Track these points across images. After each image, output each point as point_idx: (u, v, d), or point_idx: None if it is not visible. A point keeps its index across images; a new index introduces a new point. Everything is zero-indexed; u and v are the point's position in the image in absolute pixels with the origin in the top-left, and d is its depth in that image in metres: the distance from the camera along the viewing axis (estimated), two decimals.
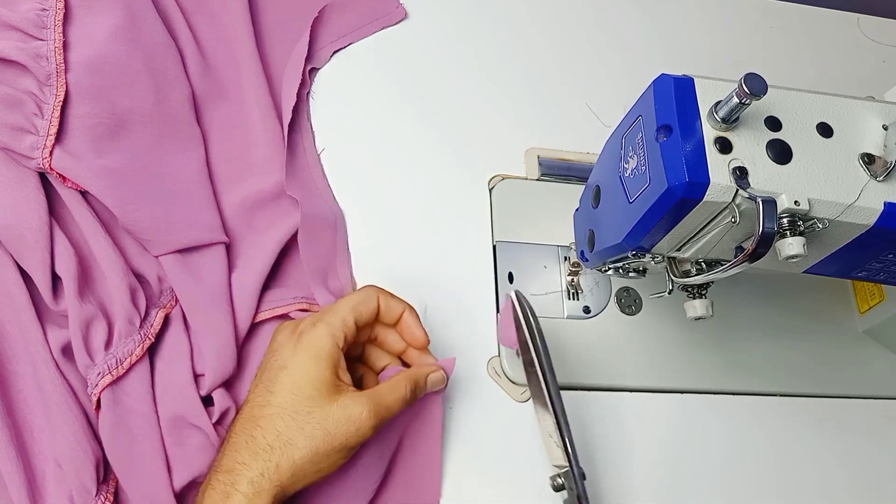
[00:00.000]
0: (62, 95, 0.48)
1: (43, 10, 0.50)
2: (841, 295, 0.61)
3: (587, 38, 0.69)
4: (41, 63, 0.48)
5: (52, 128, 0.48)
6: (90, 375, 0.45)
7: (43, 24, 0.49)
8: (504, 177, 0.60)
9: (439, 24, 0.65)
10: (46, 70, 0.48)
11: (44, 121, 0.48)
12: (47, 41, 0.49)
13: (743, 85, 0.36)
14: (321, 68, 0.60)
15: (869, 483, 0.55)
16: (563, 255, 0.57)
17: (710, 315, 0.48)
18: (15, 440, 0.43)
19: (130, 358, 0.46)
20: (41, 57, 0.48)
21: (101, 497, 0.44)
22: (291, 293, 0.52)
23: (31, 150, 0.48)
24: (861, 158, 0.40)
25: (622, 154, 0.43)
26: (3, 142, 0.48)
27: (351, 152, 0.58)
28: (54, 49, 0.49)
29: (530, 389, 0.49)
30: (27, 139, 0.48)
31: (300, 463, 0.41)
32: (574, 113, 0.64)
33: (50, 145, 0.48)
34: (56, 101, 0.48)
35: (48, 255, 0.46)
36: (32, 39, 0.49)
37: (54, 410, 0.44)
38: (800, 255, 0.38)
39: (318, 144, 0.58)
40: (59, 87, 0.48)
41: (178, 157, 0.53)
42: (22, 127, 0.48)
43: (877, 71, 0.74)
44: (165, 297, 0.49)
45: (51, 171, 0.48)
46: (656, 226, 0.41)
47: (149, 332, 0.47)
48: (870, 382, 0.58)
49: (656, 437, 0.53)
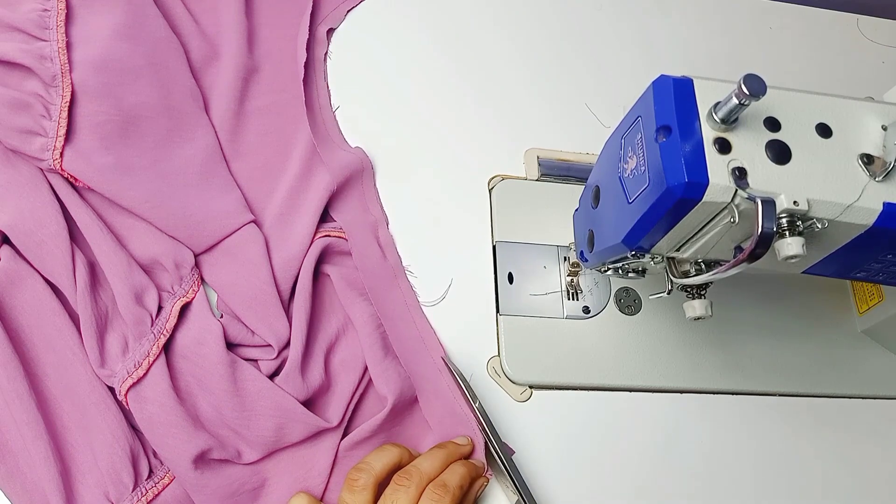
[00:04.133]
0: (68, 96, 0.48)
1: (44, 10, 0.50)
2: (840, 295, 0.61)
3: (587, 39, 0.69)
4: (46, 64, 0.48)
5: (60, 129, 0.48)
6: (113, 383, 0.45)
7: (45, 24, 0.49)
8: (504, 177, 0.60)
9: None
10: (51, 71, 0.48)
11: (52, 122, 0.48)
12: (50, 42, 0.49)
13: (742, 85, 0.36)
14: (337, 28, 0.62)
15: (868, 483, 0.55)
16: (563, 255, 0.57)
17: (710, 315, 0.48)
18: (49, 436, 0.43)
19: (148, 358, 0.45)
20: (45, 58, 0.48)
21: (139, 491, 0.44)
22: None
23: (42, 151, 0.48)
24: (860, 159, 0.40)
25: (622, 154, 0.43)
26: (13, 145, 0.48)
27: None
28: (58, 49, 0.49)
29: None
30: (37, 141, 0.48)
31: None
32: (574, 113, 0.64)
33: (60, 146, 0.48)
34: (63, 102, 0.48)
35: (70, 260, 0.46)
36: (35, 40, 0.49)
37: (91, 410, 0.45)
38: (799, 255, 0.38)
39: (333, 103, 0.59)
40: (64, 87, 0.48)
41: (186, 149, 0.52)
42: (31, 129, 0.48)
43: (876, 71, 0.74)
44: (186, 282, 0.49)
45: (62, 172, 0.48)
46: (655, 226, 0.41)
47: (163, 328, 0.46)
48: (869, 382, 0.58)
49: (656, 436, 0.54)
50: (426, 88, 0.62)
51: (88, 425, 0.45)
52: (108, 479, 0.43)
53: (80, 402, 0.45)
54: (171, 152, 0.51)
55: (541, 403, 0.53)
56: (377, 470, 0.45)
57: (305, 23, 0.60)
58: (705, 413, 0.55)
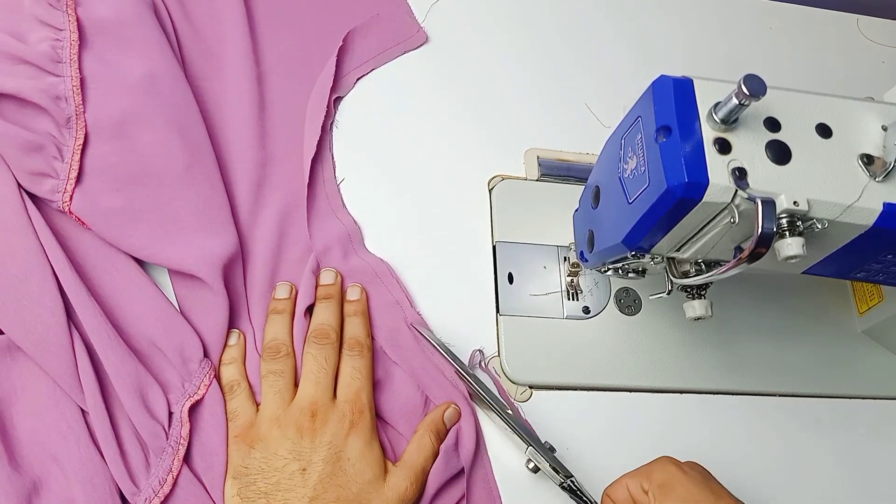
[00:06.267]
0: (82, 137, 0.47)
1: (56, 40, 0.48)
2: (840, 295, 0.61)
3: (587, 39, 0.69)
4: (60, 105, 0.47)
5: (72, 171, 0.47)
6: (137, 502, 0.43)
7: (58, 57, 0.48)
8: (504, 177, 0.60)
9: (440, 28, 0.65)
10: (66, 113, 0.47)
11: (64, 164, 0.47)
12: (64, 77, 0.48)
13: (742, 86, 0.36)
14: (345, 97, 0.60)
15: (868, 483, 0.55)
16: (563, 255, 0.57)
17: (710, 315, 0.48)
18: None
19: (171, 473, 0.44)
20: (60, 98, 0.47)
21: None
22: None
23: (52, 193, 0.47)
24: (860, 159, 0.40)
25: (622, 155, 0.43)
26: (24, 185, 0.47)
27: (351, 151, 0.58)
28: (72, 88, 0.48)
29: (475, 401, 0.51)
30: (48, 183, 0.47)
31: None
32: (574, 113, 0.64)
33: (70, 189, 0.47)
34: (76, 144, 0.47)
35: (72, 360, 0.44)
36: (48, 75, 0.48)
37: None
38: (799, 255, 0.38)
39: (337, 175, 0.57)
40: (78, 129, 0.47)
41: (193, 193, 0.50)
42: (42, 171, 0.47)
43: (876, 71, 0.74)
44: (196, 378, 0.46)
45: (70, 214, 0.47)
46: (655, 226, 0.41)
47: (178, 437, 0.45)
48: (869, 382, 0.58)
49: (656, 436, 0.53)
50: (426, 88, 0.62)
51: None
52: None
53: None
54: (179, 193, 0.50)
55: (541, 403, 0.53)
56: (286, 340, 0.49)
57: (324, 96, 0.57)
58: (705, 413, 0.55)
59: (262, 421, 0.45)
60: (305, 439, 0.44)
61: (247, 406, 0.47)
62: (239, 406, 0.47)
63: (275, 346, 0.48)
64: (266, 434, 0.45)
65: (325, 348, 0.48)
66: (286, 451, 0.44)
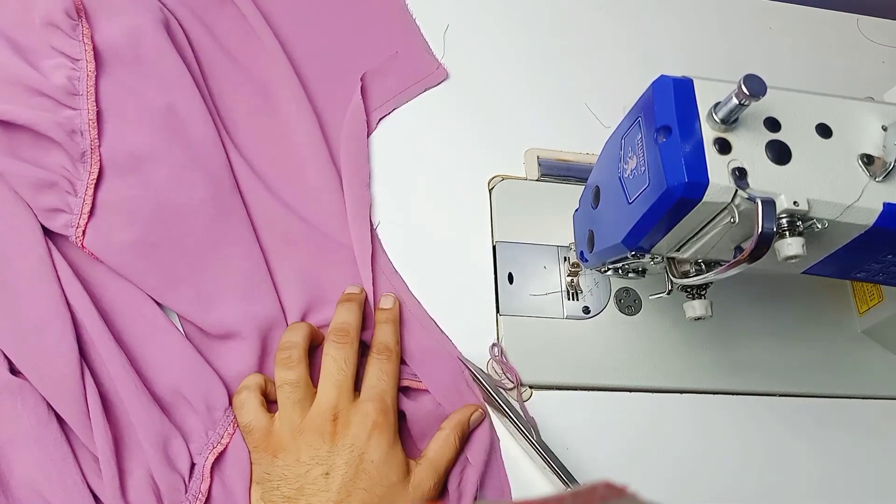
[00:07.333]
0: (96, 172, 0.47)
1: (73, 70, 0.48)
2: (840, 295, 0.61)
3: (586, 39, 0.69)
4: (76, 139, 0.47)
5: (85, 206, 0.47)
6: None
7: (74, 89, 0.47)
8: (504, 177, 0.60)
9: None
10: (81, 147, 0.47)
11: (77, 199, 0.47)
12: (80, 111, 0.47)
13: (742, 86, 0.36)
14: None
15: (868, 483, 0.55)
16: (563, 255, 0.57)
17: (710, 315, 0.48)
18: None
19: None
20: (75, 132, 0.47)
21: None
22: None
23: (66, 228, 0.46)
24: (860, 159, 0.40)
25: (621, 155, 0.43)
26: (41, 221, 0.47)
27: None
28: (88, 122, 0.47)
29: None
30: (61, 218, 0.47)
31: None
32: (574, 113, 0.64)
33: (83, 224, 0.46)
34: (90, 179, 0.47)
35: (84, 411, 0.43)
36: (63, 108, 0.47)
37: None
38: (799, 255, 0.38)
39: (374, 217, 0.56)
40: (93, 163, 0.47)
41: (211, 228, 0.49)
42: (56, 207, 0.46)
43: (876, 71, 0.74)
44: (220, 427, 0.46)
45: (83, 249, 0.47)
46: (655, 226, 0.41)
47: (198, 491, 0.44)
48: (868, 382, 0.58)
49: (655, 437, 0.54)
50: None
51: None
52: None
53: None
54: (193, 228, 0.49)
55: (541, 403, 0.52)
56: (301, 344, 0.47)
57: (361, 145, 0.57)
58: (705, 413, 0.55)
59: (283, 431, 0.45)
60: (327, 443, 0.44)
61: (260, 417, 0.46)
62: (253, 419, 0.46)
63: (287, 349, 0.47)
64: (288, 443, 0.44)
65: (344, 348, 0.47)
66: (308, 458, 0.44)
